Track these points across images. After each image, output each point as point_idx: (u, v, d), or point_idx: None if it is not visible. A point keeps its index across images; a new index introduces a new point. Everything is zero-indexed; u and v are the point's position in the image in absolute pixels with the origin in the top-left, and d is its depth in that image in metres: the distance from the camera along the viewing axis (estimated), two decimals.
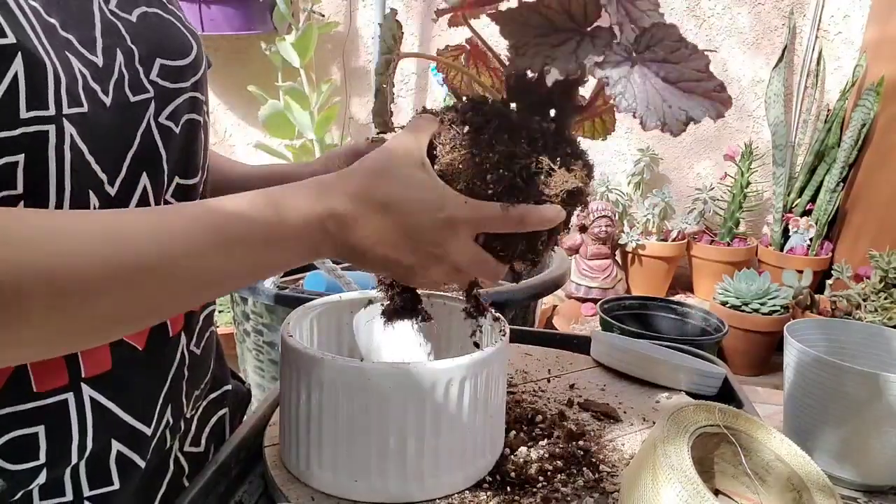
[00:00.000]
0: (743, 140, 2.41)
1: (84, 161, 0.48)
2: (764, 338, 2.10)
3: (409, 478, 0.55)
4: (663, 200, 2.41)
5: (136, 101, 0.52)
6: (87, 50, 0.49)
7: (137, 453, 0.57)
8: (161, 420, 0.58)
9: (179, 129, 0.56)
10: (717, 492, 0.57)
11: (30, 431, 0.51)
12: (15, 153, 0.44)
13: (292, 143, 2.27)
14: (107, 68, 0.50)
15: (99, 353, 0.53)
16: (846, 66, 2.36)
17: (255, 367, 1.55)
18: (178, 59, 0.56)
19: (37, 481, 0.51)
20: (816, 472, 0.52)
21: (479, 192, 0.48)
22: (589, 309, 2.34)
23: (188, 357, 0.61)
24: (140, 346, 0.56)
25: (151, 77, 0.54)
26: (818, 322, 0.83)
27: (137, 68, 0.53)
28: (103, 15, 0.51)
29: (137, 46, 0.53)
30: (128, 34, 0.52)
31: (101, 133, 0.49)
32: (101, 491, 0.55)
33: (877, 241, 2.02)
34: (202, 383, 0.65)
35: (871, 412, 0.69)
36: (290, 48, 2.16)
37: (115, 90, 0.50)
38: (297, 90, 2.18)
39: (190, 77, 0.57)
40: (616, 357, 0.79)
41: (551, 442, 0.64)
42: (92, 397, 0.53)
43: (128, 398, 0.55)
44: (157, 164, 0.54)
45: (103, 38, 0.50)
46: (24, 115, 0.44)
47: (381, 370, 0.53)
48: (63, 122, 0.46)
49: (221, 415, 0.69)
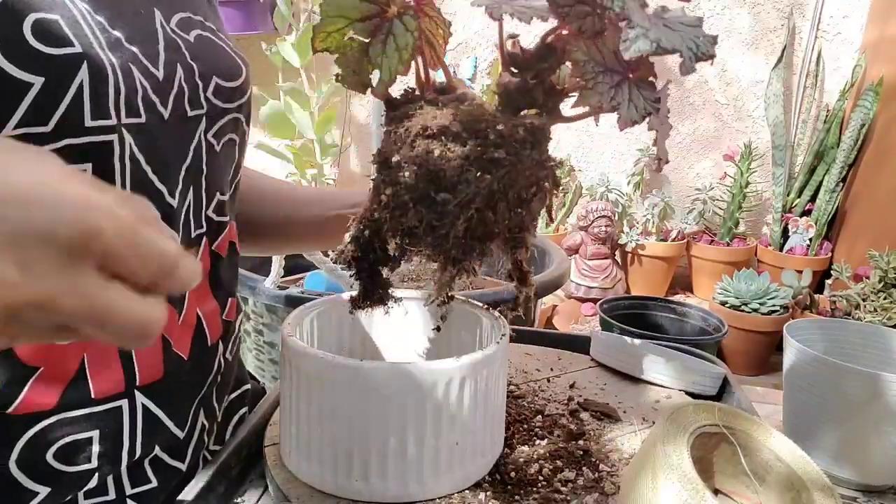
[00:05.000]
0: (742, 140, 2.41)
1: (141, 170, 0.49)
2: (763, 338, 2.10)
3: (409, 478, 0.55)
4: (663, 200, 2.41)
5: (192, 115, 0.54)
6: (149, 63, 0.50)
7: (177, 458, 0.58)
8: (196, 425, 0.60)
9: (220, 147, 0.58)
10: (717, 491, 0.58)
11: (85, 436, 0.52)
12: (82, 161, 0.45)
13: (293, 144, 2.27)
14: (167, 81, 0.51)
15: (153, 361, 0.55)
16: (845, 67, 2.36)
17: (255, 367, 1.55)
18: (230, 81, 0.58)
19: (88, 485, 0.53)
20: (816, 471, 0.52)
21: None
22: (589, 309, 2.34)
23: (223, 364, 0.62)
24: (185, 356, 0.57)
25: (207, 94, 0.56)
26: (818, 322, 0.83)
27: (197, 83, 0.54)
28: (165, 32, 0.53)
29: (196, 63, 0.55)
30: (187, 51, 0.54)
31: (159, 144, 0.51)
32: (142, 489, 0.56)
33: (876, 242, 2.02)
34: (230, 388, 0.67)
35: (870, 412, 0.69)
36: (291, 48, 2.16)
37: (175, 103, 0.52)
38: (297, 90, 2.19)
39: (238, 99, 0.60)
40: (616, 357, 0.80)
41: (551, 442, 0.64)
42: (143, 404, 0.55)
43: (172, 405, 0.57)
44: (200, 178, 0.56)
45: (166, 53, 0.52)
46: (90, 123, 0.45)
47: (381, 370, 0.53)
48: (123, 132, 0.47)
49: (242, 413, 0.71)
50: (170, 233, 0.31)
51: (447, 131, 0.47)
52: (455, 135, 0.47)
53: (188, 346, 0.58)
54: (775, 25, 2.38)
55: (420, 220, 0.48)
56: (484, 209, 0.48)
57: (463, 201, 0.47)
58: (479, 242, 0.49)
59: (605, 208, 2.38)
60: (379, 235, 0.51)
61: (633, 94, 0.46)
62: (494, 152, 0.47)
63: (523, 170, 0.48)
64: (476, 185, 0.47)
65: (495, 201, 0.48)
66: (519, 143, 0.48)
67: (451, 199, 0.47)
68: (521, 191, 0.49)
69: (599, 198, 2.45)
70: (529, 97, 0.51)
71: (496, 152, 0.47)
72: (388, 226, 0.49)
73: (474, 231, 0.48)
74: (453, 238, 0.48)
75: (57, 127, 0.44)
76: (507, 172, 0.47)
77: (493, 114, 0.49)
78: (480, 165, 0.47)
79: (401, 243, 0.49)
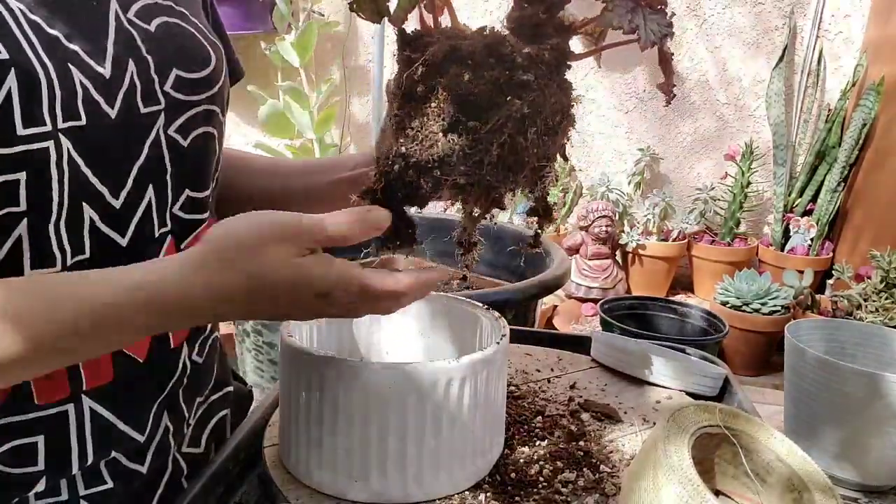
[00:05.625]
0: (743, 140, 2.40)
1: (80, 173, 0.47)
2: (764, 338, 2.10)
3: (409, 478, 0.54)
4: (663, 200, 2.41)
5: (146, 112, 0.52)
6: (94, 61, 0.48)
7: (137, 461, 0.57)
8: (157, 427, 0.58)
9: (189, 142, 0.56)
10: (718, 492, 0.57)
11: (29, 441, 0.51)
12: (15, 171, 0.44)
13: (292, 143, 2.27)
14: (115, 79, 0.49)
15: (101, 365, 0.53)
16: (847, 66, 2.36)
17: (254, 368, 1.55)
18: (195, 71, 0.55)
19: (35, 488, 0.52)
20: (817, 472, 0.52)
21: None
22: (589, 309, 2.34)
23: (189, 366, 0.61)
24: (141, 358, 0.55)
25: (165, 88, 0.53)
26: (819, 322, 0.83)
27: (152, 77, 0.52)
28: (119, 24, 0.51)
29: (153, 56, 0.52)
30: (143, 44, 0.52)
31: (101, 145, 0.48)
32: (97, 489, 0.55)
33: (878, 241, 2.01)
34: (205, 389, 0.65)
35: (871, 412, 0.69)
36: (290, 48, 2.16)
37: (124, 101, 0.50)
38: (296, 90, 2.18)
39: (206, 90, 0.57)
40: (616, 357, 0.79)
41: (551, 442, 0.63)
42: (92, 408, 0.53)
43: (126, 409, 0.55)
44: (163, 176, 0.54)
45: (115, 48, 0.50)
46: (21, 132, 0.43)
47: (381, 370, 0.53)
48: (59, 137, 0.45)
49: (222, 416, 0.69)
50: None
51: (474, 55, 0.47)
52: (483, 59, 0.47)
53: (145, 349, 0.56)
54: (776, 25, 2.37)
55: (451, 150, 0.47)
56: (516, 135, 0.47)
57: (495, 126, 0.47)
58: (510, 171, 0.49)
59: (606, 208, 2.37)
60: (408, 169, 0.49)
61: (647, 18, 0.47)
62: (523, 75, 0.47)
63: (550, 95, 0.48)
64: (508, 109, 0.46)
65: (525, 127, 0.47)
66: (546, 65, 0.48)
67: (483, 125, 0.47)
68: (548, 118, 0.49)
69: (600, 198, 2.44)
70: (540, 32, 0.51)
71: (525, 75, 0.47)
72: (419, 158, 0.48)
73: (507, 158, 0.48)
74: (488, 165, 0.47)
75: None
76: (537, 96, 0.47)
77: (515, 40, 0.49)
78: (510, 89, 0.47)
79: (433, 175, 0.48)
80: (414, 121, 0.48)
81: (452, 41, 0.48)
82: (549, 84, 0.48)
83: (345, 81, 2.49)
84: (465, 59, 0.47)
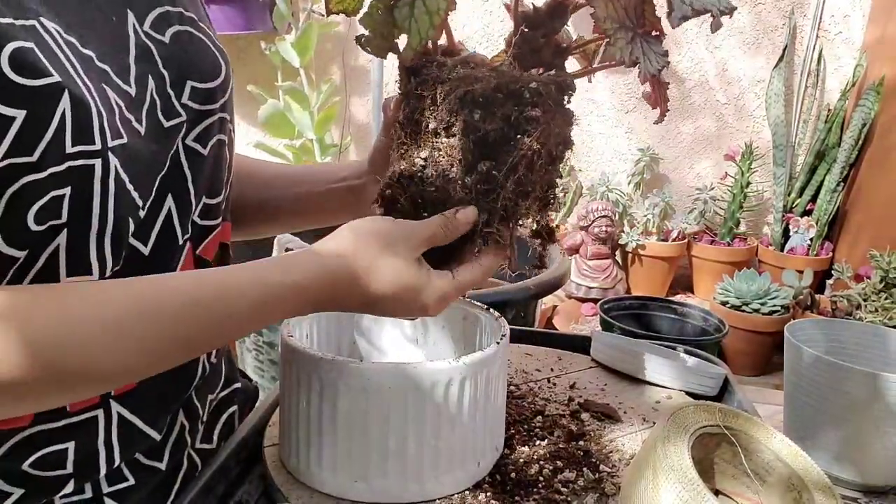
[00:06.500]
0: (743, 140, 2.40)
1: (125, 189, 0.49)
2: (764, 338, 2.10)
3: (409, 478, 0.55)
4: (663, 200, 2.41)
5: (169, 126, 0.53)
6: (121, 80, 0.49)
7: (155, 458, 0.58)
8: (174, 426, 0.59)
9: (208, 151, 0.57)
10: (718, 492, 0.57)
11: (61, 447, 0.52)
12: (62, 186, 0.45)
13: (292, 143, 2.27)
14: (139, 97, 0.50)
15: None
16: (846, 66, 2.36)
17: (254, 368, 1.55)
18: (208, 82, 0.56)
19: (64, 490, 0.53)
20: (817, 472, 0.52)
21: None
22: (589, 309, 2.34)
23: (208, 368, 0.62)
24: None
25: (183, 101, 0.54)
26: (818, 322, 0.83)
27: (169, 93, 0.53)
28: (138, 38, 0.51)
29: (168, 71, 0.53)
30: (160, 58, 0.53)
31: (139, 160, 0.50)
32: (119, 487, 0.56)
33: (877, 241, 2.01)
34: (217, 388, 0.66)
35: (871, 412, 0.69)
36: (290, 48, 2.16)
37: (148, 117, 0.51)
38: (296, 90, 2.18)
39: (220, 98, 0.58)
40: (616, 357, 0.79)
41: (551, 442, 0.64)
42: (119, 413, 0.54)
43: (149, 411, 0.56)
44: (183, 185, 0.55)
45: (136, 66, 0.51)
46: (70, 149, 0.44)
47: (381, 370, 0.53)
48: (108, 155, 0.46)
49: (231, 412, 0.70)
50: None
51: (487, 94, 0.48)
52: (495, 97, 0.48)
53: None
54: (776, 25, 2.37)
55: (467, 189, 0.50)
56: (527, 172, 0.50)
57: (510, 166, 0.49)
58: (520, 201, 0.51)
59: (606, 208, 2.37)
60: (424, 210, 0.52)
61: (644, 47, 0.48)
62: (531, 111, 0.48)
63: (555, 126, 0.50)
64: (520, 148, 0.49)
65: (534, 162, 0.50)
66: (552, 99, 0.49)
67: (500, 165, 0.49)
68: (552, 149, 0.51)
69: (600, 198, 2.44)
70: (539, 56, 0.52)
71: (532, 111, 0.48)
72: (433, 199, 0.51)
73: (518, 192, 0.51)
74: (503, 199, 0.50)
75: (42, 156, 0.43)
76: (543, 130, 0.49)
77: (521, 74, 0.50)
78: (519, 126, 0.49)
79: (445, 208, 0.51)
80: (423, 151, 0.50)
81: (464, 83, 0.49)
82: (554, 117, 0.50)
83: (345, 81, 2.49)
84: (476, 99, 0.49)
